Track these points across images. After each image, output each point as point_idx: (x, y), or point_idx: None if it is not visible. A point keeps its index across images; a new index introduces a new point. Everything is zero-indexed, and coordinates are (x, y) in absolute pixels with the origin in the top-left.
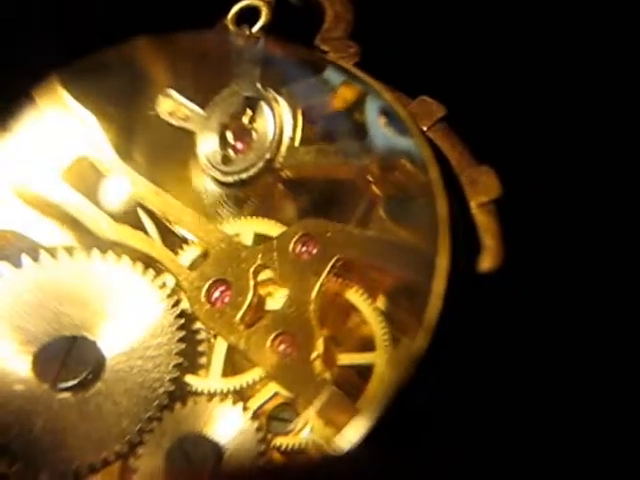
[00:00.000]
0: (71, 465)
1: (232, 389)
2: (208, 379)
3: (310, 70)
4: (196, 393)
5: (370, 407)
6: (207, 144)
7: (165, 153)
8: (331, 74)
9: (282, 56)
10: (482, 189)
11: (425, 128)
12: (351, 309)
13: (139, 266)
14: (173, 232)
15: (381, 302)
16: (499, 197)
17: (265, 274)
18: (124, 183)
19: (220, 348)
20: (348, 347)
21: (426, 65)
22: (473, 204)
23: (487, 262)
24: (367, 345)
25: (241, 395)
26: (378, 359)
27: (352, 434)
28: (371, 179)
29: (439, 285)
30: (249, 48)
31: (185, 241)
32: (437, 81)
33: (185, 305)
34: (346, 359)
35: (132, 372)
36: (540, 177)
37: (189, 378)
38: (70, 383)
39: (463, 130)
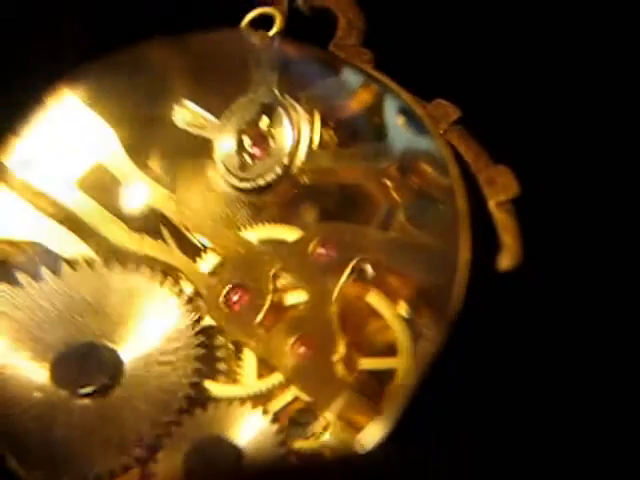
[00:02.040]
0: (91, 471)
1: (253, 394)
2: (228, 384)
3: (328, 72)
4: (217, 399)
5: (390, 406)
6: (224, 150)
7: (181, 159)
8: (349, 76)
9: (299, 58)
10: (500, 188)
11: (441, 131)
12: (372, 313)
13: (158, 274)
14: (190, 239)
15: (402, 306)
16: (517, 196)
17: (284, 278)
18: (141, 190)
19: (250, 354)
20: (369, 352)
21: (438, 69)
22: (491, 203)
23: (506, 260)
24: (389, 350)
25: (262, 399)
26: (400, 364)
27: (372, 434)
28: (390, 183)
29: (460, 280)
30: (266, 50)
31: (203, 248)
32: (450, 85)
33: (204, 311)
34: (367, 364)
35: (150, 377)
36: (555, 176)
37: (208, 383)
38: (89, 389)
39: (478, 132)
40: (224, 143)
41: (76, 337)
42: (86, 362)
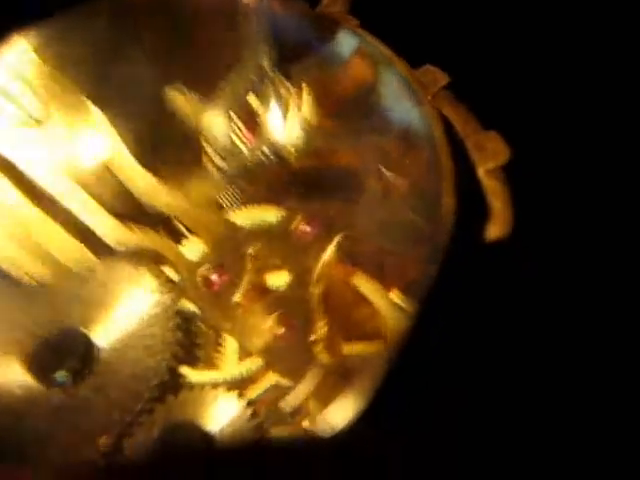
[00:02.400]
0: (59, 460)
1: (230, 379)
2: (205, 370)
3: (320, 38)
4: (192, 385)
5: (362, 382)
6: (210, 130)
7: (162, 139)
8: (343, 40)
9: (289, 23)
10: (490, 155)
11: (429, 97)
12: (358, 296)
13: (136, 257)
14: (171, 221)
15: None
16: (507, 162)
17: (264, 257)
18: (115, 169)
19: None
20: (354, 337)
21: (426, 36)
22: (481, 170)
23: (496, 229)
24: (375, 335)
25: (239, 385)
26: (385, 346)
27: (341, 412)
28: (385, 161)
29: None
30: (255, 11)
31: (185, 232)
32: (439, 52)
33: (182, 293)
34: (352, 349)
35: (125, 363)
36: (547, 144)
37: (185, 369)
38: (61, 377)
39: (468, 98)
40: (210, 122)
41: (49, 323)
42: (59, 350)
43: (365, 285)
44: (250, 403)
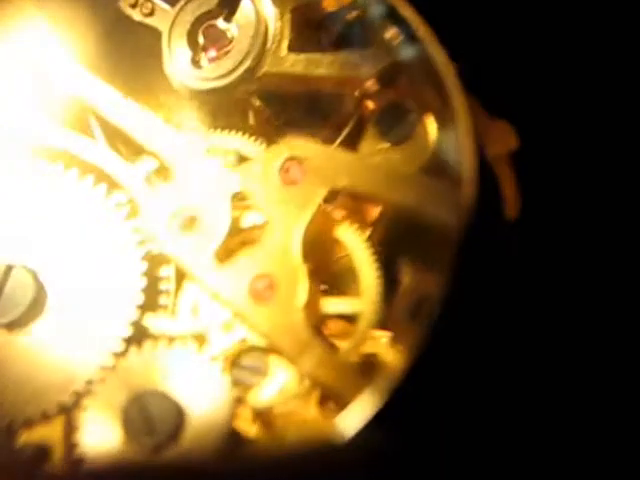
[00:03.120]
0: (3, 420)
1: (196, 331)
2: (170, 320)
3: None
4: (155, 336)
5: (377, 386)
6: (175, 45)
7: (129, 57)
8: None
9: None
10: (498, 141)
11: None
12: (339, 247)
13: (89, 179)
14: (129, 142)
15: (375, 237)
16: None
17: (244, 201)
18: (77, 87)
19: (189, 287)
20: (333, 290)
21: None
22: (490, 156)
23: (506, 210)
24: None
25: (203, 338)
26: (365, 306)
27: (353, 418)
28: (365, 93)
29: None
30: None
31: (141, 151)
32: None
33: (146, 233)
34: (331, 306)
35: (81, 309)
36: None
37: (149, 318)
38: (4, 319)
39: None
40: (175, 37)
41: None
42: (1, 288)
43: (344, 233)
44: (225, 369)
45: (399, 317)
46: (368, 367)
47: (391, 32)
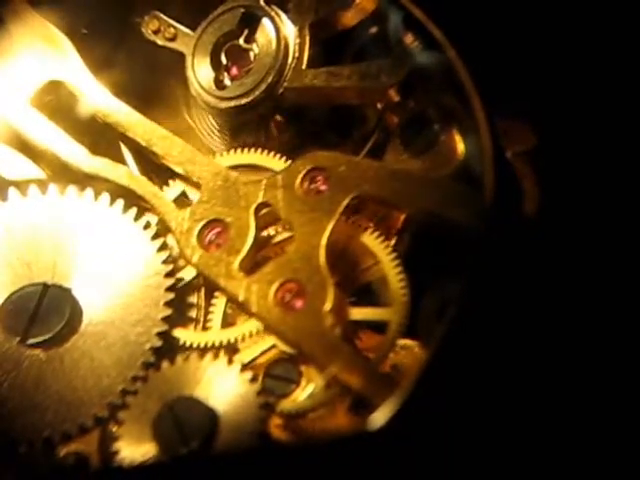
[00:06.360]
0: (42, 432)
1: (226, 342)
2: (200, 332)
3: None
4: (185, 348)
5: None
6: (198, 66)
7: (152, 77)
8: None
9: None
10: (517, 140)
11: None
12: (366, 255)
13: (120, 203)
14: (159, 166)
15: (401, 246)
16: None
17: (268, 214)
18: (104, 110)
19: (220, 299)
20: (361, 299)
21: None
22: (510, 154)
23: (527, 206)
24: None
25: (233, 349)
26: (394, 316)
27: (384, 412)
28: (388, 104)
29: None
30: None
31: (172, 176)
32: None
33: (173, 249)
34: (359, 314)
35: (113, 325)
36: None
37: (178, 332)
38: (41, 338)
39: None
40: (198, 58)
41: (27, 275)
42: (39, 307)
43: (369, 240)
44: (254, 378)
45: (425, 322)
46: (396, 373)
47: (409, 40)
